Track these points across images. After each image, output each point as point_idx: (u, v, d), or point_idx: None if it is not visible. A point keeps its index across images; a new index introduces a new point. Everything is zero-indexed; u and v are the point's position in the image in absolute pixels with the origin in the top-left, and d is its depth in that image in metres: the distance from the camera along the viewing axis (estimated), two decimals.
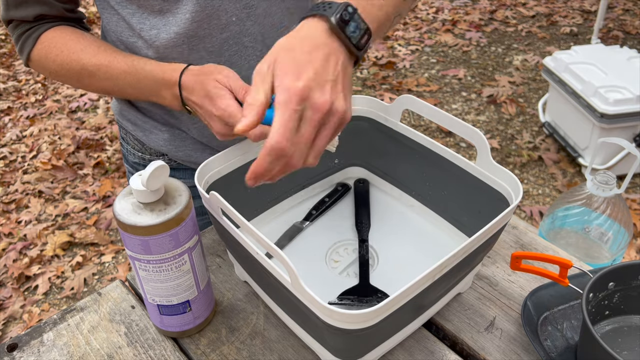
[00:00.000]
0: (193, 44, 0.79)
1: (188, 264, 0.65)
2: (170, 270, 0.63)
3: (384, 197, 0.90)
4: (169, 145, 0.91)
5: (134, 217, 0.59)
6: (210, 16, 0.78)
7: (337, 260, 0.80)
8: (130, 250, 0.62)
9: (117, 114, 0.96)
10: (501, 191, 0.71)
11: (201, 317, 0.70)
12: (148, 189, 0.58)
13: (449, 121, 0.75)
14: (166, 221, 0.60)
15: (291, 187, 0.87)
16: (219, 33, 0.79)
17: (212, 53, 0.81)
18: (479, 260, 0.71)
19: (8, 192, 2.56)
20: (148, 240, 0.60)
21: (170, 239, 0.61)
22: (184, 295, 0.66)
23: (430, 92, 3.12)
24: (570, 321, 0.70)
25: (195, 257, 0.66)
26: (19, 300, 2.05)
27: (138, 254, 0.62)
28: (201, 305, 0.69)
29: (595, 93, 2.25)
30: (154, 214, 0.60)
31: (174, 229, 0.61)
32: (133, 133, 0.94)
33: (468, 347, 0.69)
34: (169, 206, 0.61)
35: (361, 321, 0.55)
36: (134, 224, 0.59)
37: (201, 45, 0.79)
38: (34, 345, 0.71)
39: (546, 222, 1.03)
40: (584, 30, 3.64)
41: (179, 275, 0.64)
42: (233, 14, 0.79)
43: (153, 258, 0.62)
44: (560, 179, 2.46)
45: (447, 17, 3.90)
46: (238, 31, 0.80)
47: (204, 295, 0.69)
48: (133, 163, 0.98)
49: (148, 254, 0.61)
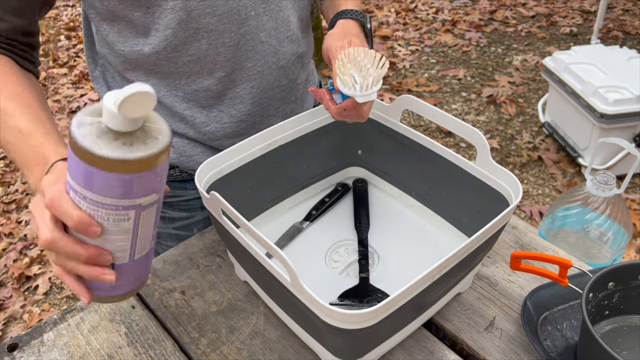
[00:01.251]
0: (212, 39, 0.79)
1: (130, 223, 0.51)
2: (104, 220, 0.51)
3: (384, 197, 0.90)
4: (180, 157, 0.90)
5: (89, 138, 0.47)
6: (231, 10, 0.77)
7: (337, 260, 0.80)
8: (71, 175, 0.50)
9: None
10: (501, 191, 0.71)
11: (119, 290, 0.57)
12: (120, 115, 0.46)
13: (449, 121, 0.75)
14: (123, 160, 0.47)
15: (291, 187, 0.87)
16: (238, 28, 0.79)
17: (230, 48, 0.80)
18: (478, 260, 0.72)
19: (8, 192, 2.56)
20: (93, 172, 0.47)
21: (119, 184, 0.48)
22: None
23: (430, 92, 3.12)
24: (570, 321, 0.70)
25: (144, 219, 0.52)
26: (19, 300, 2.05)
27: (76, 183, 0.50)
28: (125, 277, 0.56)
29: (595, 93, 2.25)
30: (114, 145, 0.47)
31: (128, 174, 0.48)
32: None
33: (468, 347, 0.70)
34: (135, 144, 0.47)
35: (361, 321, 0.55)
36: (84, 146, 0.46)
37: (219, 40, 0.79)
38: (34, 345, 0.71)
39: (546, 222, 1.03)
40: (584, 31, 3.64)
41: (114, 231, 0.52)
42: (252, 9, 0.79)
43: (91, 196, 0.49)
44: (560, 179, 2.46)
45: (447, 17, 3.90)
46: (255, 26, 0.81)
47: (135, 266, 0.56)
48: None
49: (88, 188, 0.49)
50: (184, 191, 0.95)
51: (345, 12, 0.82)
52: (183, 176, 0.93)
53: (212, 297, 0.76)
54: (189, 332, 0.72)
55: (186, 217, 0.97)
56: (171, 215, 0.96)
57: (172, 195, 0.95)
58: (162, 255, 0.83)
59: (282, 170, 0.84)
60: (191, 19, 0.76)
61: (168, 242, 0.99)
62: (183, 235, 0.97)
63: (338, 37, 0.77)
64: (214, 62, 0.81)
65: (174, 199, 0.95)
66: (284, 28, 0.84)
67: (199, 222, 0.97)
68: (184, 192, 0.95)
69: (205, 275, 0.80)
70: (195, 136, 0.89)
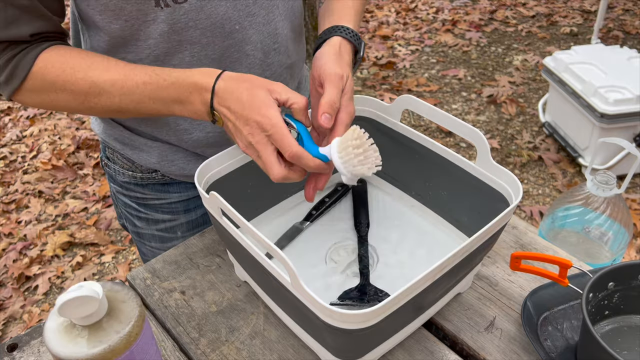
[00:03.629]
0: (195, 50, 0.78)
1: None
2: None
3: (384, 197, 0.90)
4: (161, 161, 0.89)
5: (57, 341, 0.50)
6: (215, 24, 0.76)
7: (337, 260, 0.80)
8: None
9: (101, 134, 0.92)
10: (501, 191, 0.71)
11: None
12: (65, 317, 0.50)
13: (449, 121, 0.75)
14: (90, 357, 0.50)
15: (291, 187, 0.87)
16: (222, 41, 0.78)
17: (214, 60, 0.80)
18: (479, 260, 0.72)
19: (8, 192, 2.56)
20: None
21: None
22: None
23: (430, 92, 3.12)
24: (570, 321, 0.70)
25: None
26: (19, 300, 2.05)
27: None
28: None
29: (595, 93, 2.25)
30: (81, 343, 0.50)
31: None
32: (121, 152, 0.91)
33: (468, 347, 0.69)
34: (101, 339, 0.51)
35: (361, 321, 0.55)
36: (57, 353, 0.50)
37: (203, 52, 0.78)
38: (34, 345, 0.71)
39: (546, 222, 1.03)
40: (584, 30, 3.64)
41: None
42: (237, 22, 0.78)
43: None
44: (560, 179, 2.46)
45: (447, 17, 3.90)
46: (240, 39, 0.80)
47: None
48: (123, 183, 0.95)
49: None
50: (166, 194, 0.94)
51: (343, 29, 0.78)
52: (165, 179, 0.93)
53: (212, 297, 0.76)
54: (189, 332, 0.72)
55: (169, 220, 0.96)
56: (154, 217, 0.96)
57: (154, 198, 0.95)
58: (162, 255, 0.83)
59: None
60: (173, 32, 0.75)
61: (152, 242, 1.00)
62: (167, 237, 0.97)
63: (335, 63, 0.73)
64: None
65: (157, 202, 0.95)
66: (270, 41, 0.83)
67: (182, 224, 0.97)
68: (166, 194, 0.94)
69: (205, 275, 0.80)
70: (178, 142, 0.88)
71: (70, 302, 0.49)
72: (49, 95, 0.74)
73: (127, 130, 0.89)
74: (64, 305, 0.49)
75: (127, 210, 0.99)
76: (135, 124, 0.88)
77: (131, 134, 0.89)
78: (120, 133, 0.89)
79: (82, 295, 0.49)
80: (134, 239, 1.03)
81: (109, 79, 0.72)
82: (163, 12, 0.73)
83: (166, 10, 0.73)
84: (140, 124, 0.87)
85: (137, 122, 0.87)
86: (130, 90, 0.72)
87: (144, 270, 0.81)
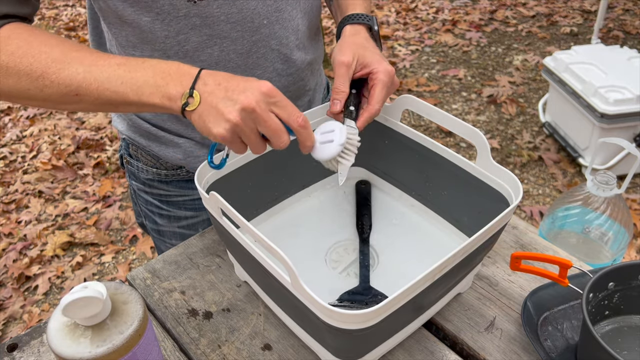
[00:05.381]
0: (224, 45, 0.78)
1: None
2: None
3: (384, 198, 0.90)
4: (187, 157, 0.90)
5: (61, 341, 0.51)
6: (245, 18, 0.77)
7: (337, 260, 0.80)
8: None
9: (125, 131, 0.92)
10: (501, 191, 0.71)
11: None
12: (69, 318, 0.51)
13: (449, 121, 0.75)
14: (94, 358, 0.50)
15: (291, 187, 0.87)
16: (251, 35, 0.79)
17: (241, 55, 0.80)
18: (479, 261, 0.72)
19: (8, 192, 2.56)
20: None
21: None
22: None
23: (430, 92, 3.12)
24: (570, 321, 0.70)
25: None
26: (19, 300, 2.05)
27: None
28: None
29: (595, 93, 2.25)
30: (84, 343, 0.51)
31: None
32: (147, 148, 0.91)
33: (468, 347, 0.69)
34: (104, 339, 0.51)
35: (361, 321, 0.55)
36: (60, 353, 0.51)
37: (232, 47, 0.79)
38: (34, 345, 0.71)
39: (546, 222, 1.03)
40: (584, 30, 3.64)
41: None
42: (265, 17, 0.79)
43: None
44: (561, 179, 2.46)
45: (447, 17, 3.90)
46: (267, 34, 0.81)
47: None
48: (146, 180, 0.95)
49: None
50: (190, 191, 0.95)
51: (352, 16, 0.82)
52: (190, 176, 0.93)
53: (212, 297, 0.76)
54: (189, 332, 0.72)
55: (192, 217, 0.97)
56: (177, 214, 0.97)
57: (178, 195, 0.95)
58: (162, 255, 0.83)
59: (282, 170, 0.84)
60: (205, 25, 0.76)
61: (173, 240, 1.00)
62: (187, 234, 0.97)
63: (340, 51, 0.76)
64: (225, 69, 0.80)
65: (180, 198, 0.95)
66: (294, 37, 0.84)
67: (204, 221, 0.98)
68: (190, 191, 0.95)
69: (205, 275, 0.80)
70: (202, 140, 0.89)
71: (74, 303, 0.49)
72: (4, 80, 0.67)
73: (154, 126, 0.89)
74: (69, 305, 0.49)
75: (148, 208, 1.00)
76: (161, 121, 0.89)
77: (158, 130, 0.89)
78: (146, 129, 0.90)
79: (87, 295, 0.49)
80: (153, 237, 1.04)
81: (77, 55, 0.67)
82: (196, 7, 0.73)
83: (199, 3, 0.73)
84: (166, 121, 0.88)
85: (162, 120, 0.88)
86: (100, 69, 0.66)
87: (144, 270, 0.81)
